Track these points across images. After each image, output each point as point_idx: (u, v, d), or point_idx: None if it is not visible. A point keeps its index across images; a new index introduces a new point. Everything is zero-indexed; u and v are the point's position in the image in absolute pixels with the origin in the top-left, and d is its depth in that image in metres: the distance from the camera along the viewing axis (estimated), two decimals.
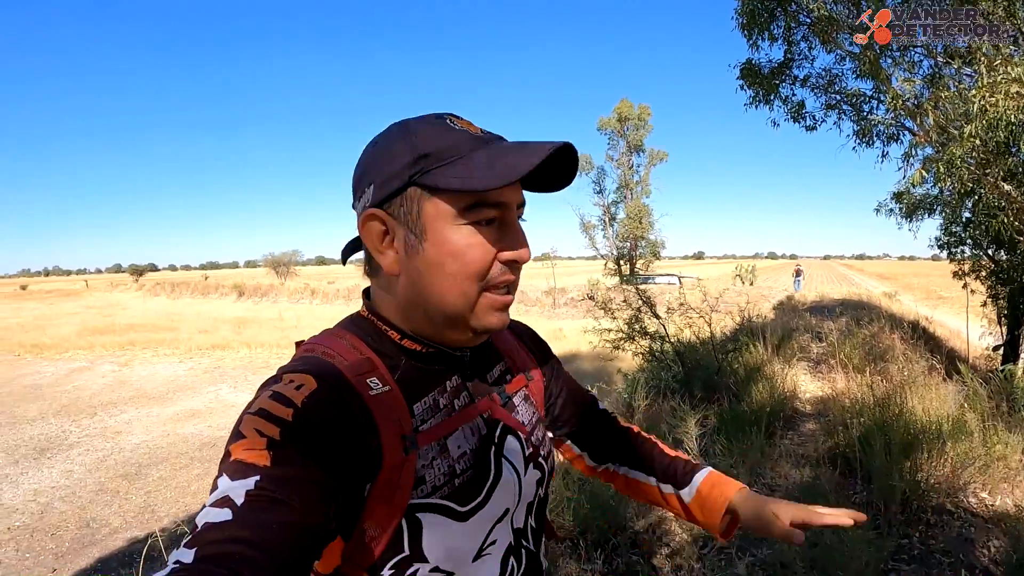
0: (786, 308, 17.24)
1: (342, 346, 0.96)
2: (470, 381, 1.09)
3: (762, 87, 8.71)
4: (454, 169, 0.89)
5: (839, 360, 7.68)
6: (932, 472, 4.40)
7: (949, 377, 7.23)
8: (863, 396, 5.87)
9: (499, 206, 0.93)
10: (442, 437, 0.98)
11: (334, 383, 0.87)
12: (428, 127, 0.94)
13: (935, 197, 11.22)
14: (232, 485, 0.73)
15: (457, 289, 0.93)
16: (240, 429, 0.79)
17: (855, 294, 21.65)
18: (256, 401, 0.83)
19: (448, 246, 0.91)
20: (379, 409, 0.90)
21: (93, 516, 8.82)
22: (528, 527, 1.14)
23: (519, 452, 1.10)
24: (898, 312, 15.02)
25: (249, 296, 48.13)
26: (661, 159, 48.54)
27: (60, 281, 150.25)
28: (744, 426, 5.46)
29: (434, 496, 0.94)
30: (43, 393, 17.40)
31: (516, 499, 1.09)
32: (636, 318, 7.90)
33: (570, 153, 0.95)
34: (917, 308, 20.63)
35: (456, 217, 0.91)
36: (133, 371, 20.30)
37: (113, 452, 11.87)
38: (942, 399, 5.75)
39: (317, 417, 0.82)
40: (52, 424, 14.11)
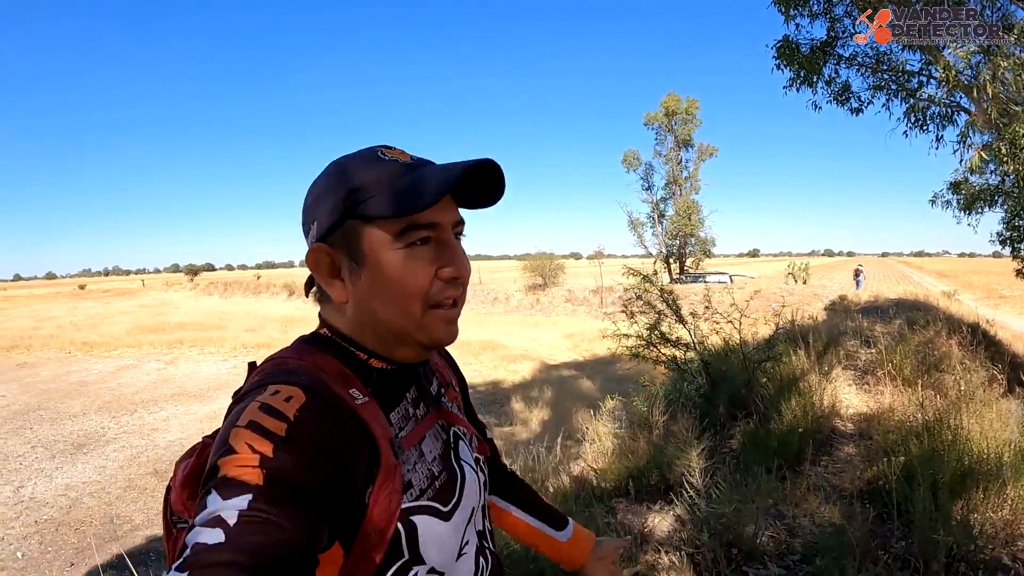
0: (838, 309, 16.59)
1: (316, 360, 0.96)
2: (423, 392, 1.11)
3: (803, 67, 7.95)
4: (383, 198, 0.92)
5: (887, 371, 6.87)
6: (988, 515, 3.69)
7: (1011, 390, 6.58)
8: (912, 415, 5.21)
9: (432, 227, 0.96)
10: (417, 443, 1.01)
11: (323, 394, 0.87)
12: (359, 161, 0.98)
13: (996, 187, 10.26)
14: (223, 504, 0.70)
15: (401, 310, 0.96)
16: (230, 443, 0.77)
17: (912, 293, 20.80)
18: (245, 412, 0.81)
19: (387, 270, 0.94)
20: (368, 417, 0.91)
21: (118, 512, 8.94)
22: (486, 529, 1.18)
23: (469, 454, 1.16)
24: (957, 313, 14.18)
25: (299, 295, 48.43)
26: (711, 154, 47.67)
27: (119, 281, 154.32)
28: (767, 455, 4.80)
29: (422, 498, 0.96)
30: (88, 390, 17.77)
31: (478, 499, 1.13)
32: (657, 323, 7.21)
33: (492, 169, 0.98)
34: (977, 309, 19.75)
35: (392, 242, 0.94)
36: (177, 369, 20.66)
37: (147, 449, 12.08)
38: (1004, 419, 4.96)
39: (311, 431, 0.81)
40: (93, 420, 14.40)
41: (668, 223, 47.97)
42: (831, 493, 4.40)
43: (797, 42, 8.01)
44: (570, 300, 37.10)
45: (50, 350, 25.77)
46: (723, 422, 5.89)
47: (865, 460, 4.81)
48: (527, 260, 44.52)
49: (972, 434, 4.35)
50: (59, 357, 24.01)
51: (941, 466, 3.83)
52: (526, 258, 45.32)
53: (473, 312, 35.59)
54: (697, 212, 47.07)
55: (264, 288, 54.53)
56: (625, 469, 5.06)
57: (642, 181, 49.21)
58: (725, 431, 5.71)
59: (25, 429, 13.82)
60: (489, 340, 22.58)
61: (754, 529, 3.76)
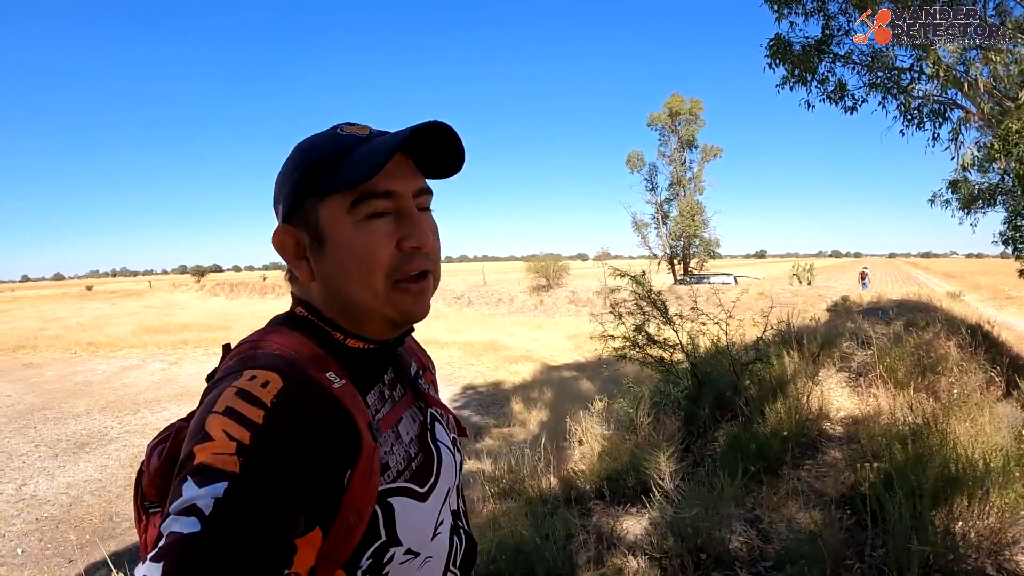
0: (840, 310, 16.54)
1: (292, 342, 0.96)
2: (400, 374, 1.13)
3: (796, 65, 7.75)
4: (336, 171, 0.93)
5: (879, 373, 6.74)
6: (973, 523, 3.55)
7: (1010, 392, 6.52)
8: (901, 419, 5.14)
9: (389, 196, 0.96)
10: (394, 425, 1.02)
11: (300, 379, 0.87)
12: (317, 139, 1.00)
13: (996, 186, 10.09)
14: (199, 492, 0.70)
15: (364, 284, 0.95)
16: (206, 429, 0.77)
17: (915, 294, 20.69)
18: (221, 398, 0.81)
19: (347, 245, 0.94)
20: (345, 400, 0.90)
21: (117, 511, 9.01)
22: (460, 509, 1.20)
23: (446, 435, 1.17)
24: (959, 314, 14.04)
25: None
26: (715, 155, 47.37)
27: (126, 282, 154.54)
28: (745, 458, 4.66)
29: (399, 480, 0.97)
30: (93, 390, 17.82)
31: (454, 480, 1.14)
32: (642, 325, 7.17)
33: (444, 132, 0.98)
34: (981, 309, 19.64)
35: (347, 215, 0.94)
36: (182, 369, 20.72)
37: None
38: (996, 424, 4.84)
39: (289, 418, 0.80)
40: (96, 420, 14.47)
41: (672, 224, 47.74)
42: (812, 498, 4.33)
43: (789, 40, 7.84)
44: (574, 301, 36.96)
45: (56, 350, 25.81)
46: (708, 424, 5.85)
47: (850, 464, 4.72)
48: (531, 261, 44.42)
49: (960, 439, 4.26)
50: (64, 357, 24.07)
51: (924, 472, 3.74)
52: (532, 259, 45.21)
53: (477, 313, 35.69)
54: (701, 213, 46.82)
55: (270, 289, 54.53)
56: (604, 471, 5.06)
57: (646, 182, 48.98)
58: (710, 433, 5.67)
59: (29, 428, 13.87)
60: (491, 341, 22.60)
61: (725, 534, 3.73)
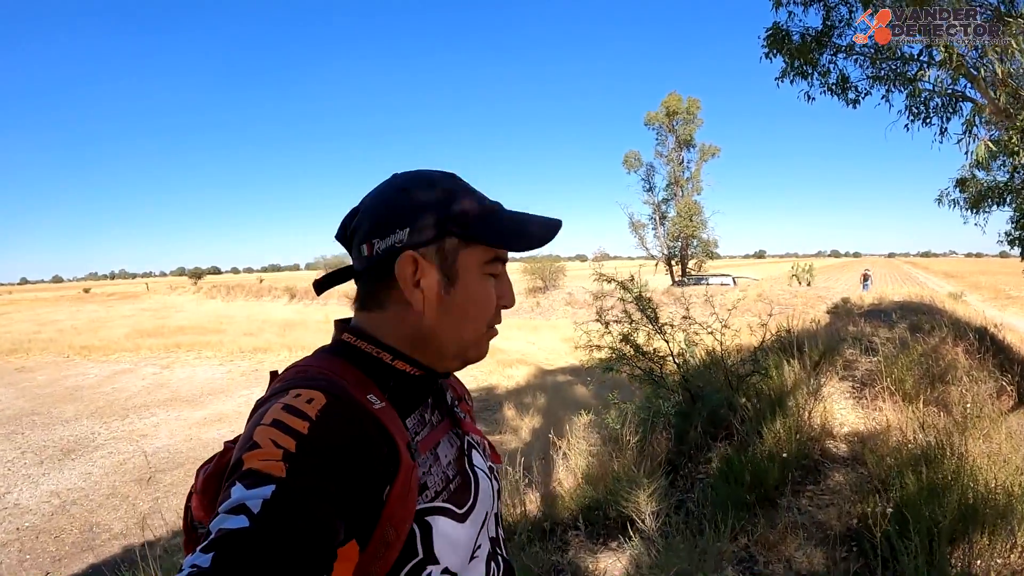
0: (841, 312, 16.32)
1: (334, 367, 0.99)
2: (439, 401, 1.17)
3: (796, 57, 7.50)
4: (488, 227, 1.03)
5: (885, 385, 6.36)
6: (993, 562, 3.23)
7: (1021, 401, 6.26)
8: (911, 438, 4.78)
9: (504, 262, 1.09)
10: (433, 447, 1.06)
11: (343, 397, 0.90)
12: (456, 185, 1.07)
13: (1005, 184, 9.81)
14: (248, 494, 0.73)
15: (473, 329, 1.05)
16: (255, 439, 0.80)
17: (917, 295, 20.45)
18: (268, 413, 0.84)
19: (474, 292, 1.04)
20: (386, 420, 0.93)
21: (98, 520, 8.87)
22: (499, 536, 1.21)
23: (483, 462, 1.18)
24: (963, 316, 13.81)
25: (300, 299, 48.89)
26: (713, 154, 46.94)
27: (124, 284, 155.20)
28: (739, 487, 4.33)
29: (437, 500, 1.00)
30: (83, 395, 17.68)
31: (492, 505, 1.15)
32: (629, 334, 6.72)
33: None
34: (984, 311, 19.42)
35: (481, 267, 1.04)
36: (173, 373, 20.53)
37: (134, 455, 11.98)
38: (1014, 440, 4.55)
39: (332, 430, 0.84)
40: (84, 425, 14.33)
41: (670, 225, 47.34)
42: (813, 533, 3.97)
43: (788, 30, 7.56)
44: (570, 303, 36.95)
45: (49, 354, 25.67)
46: (700, 444, 5.48)
47: (857, 490, 4.34)
48: (528, 263, 44.33)
49: (978, 463, 3.92)
50: (57, 361, 23.93)
51: (941, 505, 3.41)
52: (530, 260, 45.13)
53: None
54: (699, 213, 46.40)
55: (266, 292, 54.60)
56: (583, 499, 4.73)
57: (643, 182, 48.62)
58: (702, 454, 5.32)
59: (16, 434, 13.75)
60: None
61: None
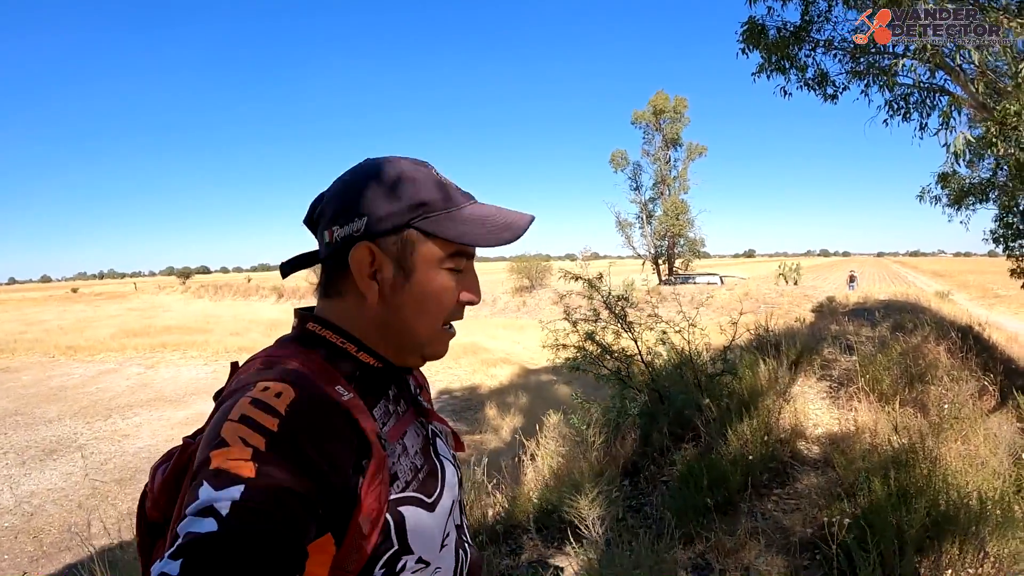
0: (825, 310, 16.33)
1: (299, 358, 0.97)
2: (403, 391, 1.14)
3: (772, 52, 7.38)
4: (451, 220, 1.00)
5: (861, 385, 6.23)
6: (964, 571, 3.06)
7: (1004, 401, 6.16)
8: (884, 441, 4.64)
9: (470, 256, 1.06)
10: (400, 437, 1.04)
11: (312, 390, 0.88)
12: (419, 174, 1.02)
13: (988, 180, 9.77)
14: (216, 495, 0.71)
15: (429, 324, 1.03)
16: (222, 435, 0.78)
17: (903, 294, 20.50)
18: (236, 407, 0.82)
19: (431, 286, 1.01)
20: (354, 411, 0.91)
21: (77, 520, 8.89)
22: (464, 523, 1.21)
23: (447, 450, 1.19)
24: (949, 314, 13.79)
25: (288, 298, 48.61)
26: (700, 153, 46.87)
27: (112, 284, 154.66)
28: (700, 491, 4.14)
29: (408, 490, 0.99)
30: (67, 395, 17.74)
31: (456, 493, 1.15)
32: (592, 334, 6.68)
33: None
34: (971, 309, 19.45)
35: (441, 262, 1.01)
36: (158, 373, 20.56)
37: (115, 456, 12.10)
38: (992, 443, 4.42)
39: (302, 426, 0.82)
40: (67, 426, 14.39)
41: (656, 223, 47.18)
42: (776, 539, 3.80)
43: (764, 24, 7.41)
44: (557, 302, 36.87)
45: (35, 354, 25.72)
46: (665, 445, 5.35)
47: (824, 494, 4.18)
48: (517, 261, 44.21)
49: (952, 466, 3.77)
50: (42, 361, 23.97)
51: (909, 512, 3.21)
52: (519, 259, 44.99)
53: None
54: (686, 212, 46.28)
55: (254, 291, 54.49)
56: (543, 501, 4.66)
57: (630, 181, 48.32)
58: (668, 456, 5.19)
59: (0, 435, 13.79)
60: (472, 343, 22.38)
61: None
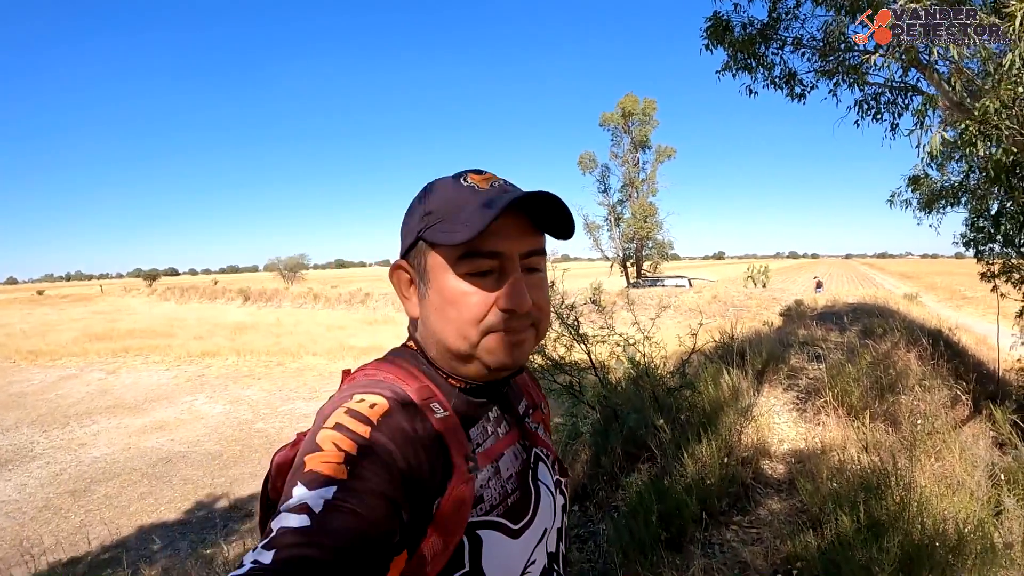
0: (793, 314, 16.32)
1: (402, 373, 1.01)
2: (507, 412, 1.15)
3: (739, 50, 7.20)
4: (446, 224, 0.97)
5: (829, 399, 6.00)
6: None
7: (977, 409, 6.06)
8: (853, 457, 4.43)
9: (494, 256, 0.97)
10: (494, 459, 1.04)
11: (405, 404, 0.92)
12: (440, 185, 1.02)
13: (960, 184, 9.57)
14: (310, 494, 0.75)
15: (456, 332, 0.99)
16: (317, 442, 0.82)
17: (872, 296, 20.59)
18: (332, 416, 0.86)
19: (447, 293, 0.98)
20: (445, 430, 0.93)
21: (29, 535, 8.81)
22: (559, 552, 1.17)
23: (549, 476, 1.16)
24: (919, 318, 13.82)
25: (254, 301, 48.25)
26: (669, 156, 46.76)
27: (79, 286, 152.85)
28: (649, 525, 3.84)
29: (492, 514, 0.98)
30: (26, 401, 17.43)
31: (552, 521, 1.13)
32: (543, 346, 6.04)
33: (548, 201, 0.98)
34: (940, 312, 19.60)
35: (453, 267, 0.97)
36: (119, 379, 20.23)
37: (71, 466, 11.87)
38: (967, 460, 4.23)
39: (391, 436, 0.85)
40: (24, 434, 14.14)
41: (624, 226, 47.24)
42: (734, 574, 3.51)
43: (729, 21, 7.23)
44: None
45: None
46: (619, 467, 5.07)
47: (790, 522, 3.92)
48: None
49: (926, 491, 3.50)
50: (3, 367, 23.55)
51: (881, 548, 2.96)
52: None
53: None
54: (654, 215, 46.33)
55: (220, 294, 53.77)
56: None
57: (598, 183, 48.28)
58: (621, 478, 4.90)
59: None
60: None
61: None
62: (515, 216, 0.97)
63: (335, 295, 45.77)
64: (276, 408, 15.42)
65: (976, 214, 9.94)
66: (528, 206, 0.97)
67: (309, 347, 23.71)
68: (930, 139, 5.48)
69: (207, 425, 14.17)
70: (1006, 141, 5.14)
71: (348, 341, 24.92)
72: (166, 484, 10.46)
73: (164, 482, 10.58)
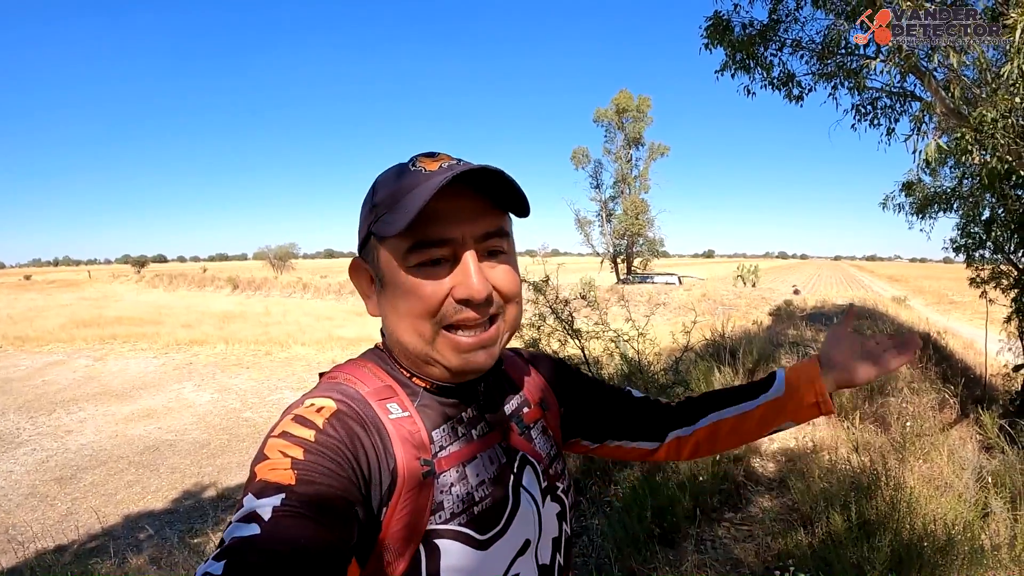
0: (783, 314, 16.40)
1: (364, 374, 1.00)
2: (488, 412, 1.08)
3: (738, 50, 7.22)
4: (390, 215, 0.92)
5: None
6: None
7: (965, 412, 6.14)
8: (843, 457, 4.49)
9: (444, 243, 0.92)
10: (460, 464, 0.98)
11: (354, 406, 0.90)
12: (387, 176, 0.98)
13: (952, 190, 9.76)
14: (259, 503, 0.73)
15: (411, 328, 0.95)
16: (264, 451, 0.81)
17: (861, 298, 20.72)
18: (279, 424, 0.86)
19: (399, 288, 0.94)
20: (398, 432, 0.91)
21: (15, 522, 8.74)
22: (556, 564, 1.12)
23: (536, 483, 1.10)
24: (907, 321, 13.92)
25: (243, 290, 48.13)
26: (662, 153, 47.20)
27: (67, 271, 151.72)
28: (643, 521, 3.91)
29: (452, 522, 0.93)
30: (12, 387, 17.29)
31: (536, 532, 1.07)
32: (538, 340, 6.34)
33: (491, 176, 0.91)
34: (928, 315, 19.70)
35: (403, 259, 0.93)
36: (106, 366, 20.09)
37: (57, 453, 11.79)
38: (956, 463, 4.30)
39: (337, 437, 0.83)
40: (10, 420, 14.04)
41: (616, 222, 47.50)
42: (726, 572, 3.56)
43: (729, 21, 7.27)
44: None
45: None
46: (612, 462, 5.13)
47: (781, 519, 3.99)
48: None
49: (915, 492, 3.56)
50: None
51: (872, 547, 3.05)
52: None
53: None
54: (646, 212, 46.68)
55: (209, 281, 53.60)
56: None
57: (591, 179, 48.68)
58: (612, 475, 4.98)
59: None
60: None
61: None
62: (467, 197, 0.92)
63: (324, 285, 45.68)
64: (264, 397, 15.35)
65: (968, 220, 10.01)
66: (475, 183, 0.91)
67: (297, 336, 23.65)
68: (926, 145, 5.51)
69: (195, 413, 14.10)
70: (1001, 150, 5.17)
71: (336, 331, 24.89)
72: (153, 472, 10.41)
73: (151, 470, 10.53)
